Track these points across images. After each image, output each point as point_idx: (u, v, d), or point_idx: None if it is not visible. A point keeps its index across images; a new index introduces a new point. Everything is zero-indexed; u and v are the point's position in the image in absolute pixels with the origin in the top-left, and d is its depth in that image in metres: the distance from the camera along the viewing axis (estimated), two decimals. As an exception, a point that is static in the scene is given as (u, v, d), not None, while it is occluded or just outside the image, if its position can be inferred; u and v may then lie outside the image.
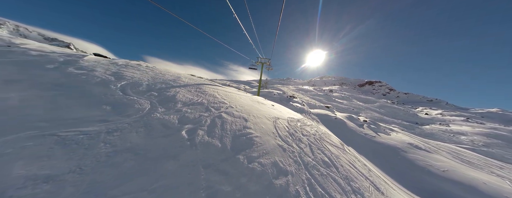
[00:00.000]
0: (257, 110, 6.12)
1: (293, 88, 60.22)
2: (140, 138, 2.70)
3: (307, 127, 6.88)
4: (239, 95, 7.52)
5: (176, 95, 4.49)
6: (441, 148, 12.24)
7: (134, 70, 5.33)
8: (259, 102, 7.77)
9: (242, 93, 9.62)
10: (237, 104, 5.82)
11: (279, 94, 20.39)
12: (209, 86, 6.81)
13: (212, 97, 5.52)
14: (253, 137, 3.99)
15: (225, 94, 6.51)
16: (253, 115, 5.35)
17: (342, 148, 6.74)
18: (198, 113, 4.10)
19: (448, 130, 31.74)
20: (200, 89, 5.88)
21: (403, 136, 13.72)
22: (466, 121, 39.53)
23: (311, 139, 5.67)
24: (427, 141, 13.80)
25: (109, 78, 4.15)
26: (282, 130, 5.20)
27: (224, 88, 7.84)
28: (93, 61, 5.02)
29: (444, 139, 26.15)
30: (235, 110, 5.12)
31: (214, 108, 4.70)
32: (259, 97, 10.89)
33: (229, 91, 7.52)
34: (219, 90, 6.80)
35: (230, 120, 4.34)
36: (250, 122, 4.68)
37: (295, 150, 4.27)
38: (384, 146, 10.44)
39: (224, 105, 5.22)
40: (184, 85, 5.62)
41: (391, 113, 45.70)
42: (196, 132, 3.33)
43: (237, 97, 6.88)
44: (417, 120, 40.78)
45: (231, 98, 6.35)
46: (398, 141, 11.53)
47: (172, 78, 5.90)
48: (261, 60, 14.34)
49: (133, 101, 3.60)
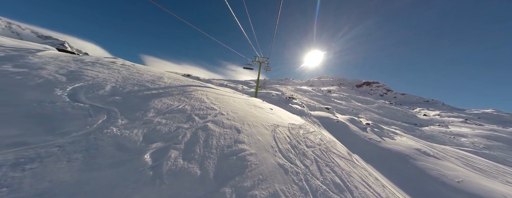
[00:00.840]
0: (253, 116, 5.21)
1: (291, 89, 59.51)
2: (71, 171, 1.76)
3: (311, 136, 6.00)
4: (233, 98, 6.60)
5: (149, 101, 3.55)
6: (448, 154, 11.54)
7: (101, 69, 4.36)
8: (256, 106, 6.86)
9: (237, 95, 8.70)
10: (230, 110, 4.90)
11: (277, 95, 19.52)
12: (197, 88, 5.87)
13: (199, 101, 4.59)
14: (247, 156, 3.08)
15: (216, 98, 5.58)
16: (248, 123, 4.45)
17: (350, 159, 5.89)
18: (176, 124, 3.18)
19: (448, 131, 31.35)
20: (186, 91, 4.94)
21: (408, 140, 12.99)
22: (465, 122, 39.34)
23: (316, 151, 4.78)
24: (433, 146, 13.11)
25: (59, 79, 3.19)
26: (282, 142, 4.31)
27: (216, 90, 6.91)
28: (48, 57, 4.04)
29: (445, 141, 25.68)
30: (225, 118, 4.20)
31: (199, 117, 3.77)
32: (257, 99, 10.00)
33: (221, 94, 6.59)
34: (210, 93, 5.87)
35: (218, 133, 3.43)
36: (243, 134, 3.77)
37: (299, 171, 3.38)
38: (391, 153, 9.66)
39: (212, 111, 4.30)
40: (165, 87, 4.67)
41: (390, 114, 45.32)
42: (167, 154, 2.41)
43: (231, 101, 5.96)
44: (416, 121, 40.44)
45: (222, 102, 5.42)
46: (404, 146, 10.77)
47: (150, 79, 4.94)
48: (259, 59, 13.42)
49: (82, 110, 2.65)
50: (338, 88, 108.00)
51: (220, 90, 7.59)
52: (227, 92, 8.38)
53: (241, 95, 11.48)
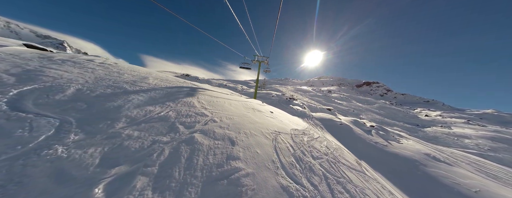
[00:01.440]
0: (251, 122, 4.55)
1: (291, 89, 58.87)
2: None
3: (316, 143, 5.34)
4: (230, 101, 5.94)
5: (123, 107, 2.88)
6: (458, 159, 10.91)
7: (71, 68, 3.70)
8: (255, 110, 6.20)
9: (235, 96, 8.04)
10: (224, 115, 4.24)
11: (278, 96, 18.86)
12: (188, 90, 5.21)
13: (187, 106, 3.92)
14: (242, 178, 2.43)
15: (209, 101, 4.92)
16: (245, 131, 3.79)
17: (361, 169, 5.23)
18: (152, 137, 2.51)
19: (451, 133, 30.77)
20: (173, 94, 4.28)
21: (415, 144, 12.35)
22: (467, 123, 38.78)
23: (324, 164, 4.13)
24: (441, 150, 12.48)
25: (4, 80, 2.52)
26: (285, 154, 3.65)
27: (211, 92, 6.24)
28: (5, 53, 3.37)
29: (449, 143, 25.08)
30: (218, 126, 3.54)
31: (185, 125, 3.11)
32: (256, 101, 9.33)
33: (216, 96, 5.93)
34: (202, 95, 5.20)
35: (207, 146, 2.77)
36: (239, 146, 3.11)
37: (307, 194, 2.73)
38: (400, 159, 9.02)
39: (202, 118, 3.63)
40: (148, 90, 4.00)
41: (391, 115, 44.72)
42: (131, 184, 1.75)
43: (226, 104, 5.30)
44: (418, 122, 39.86)
45: (216, 106, 4.76)
46: (413, 151, 10.14)
47: (131, 80, 4.27)
48: (258, 58, 12.72)
49: (20, 122, 1.98)
50: (338, 88, 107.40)
51: (215, 92, 6.93)
52: (223, 93, 7.72)
53: (240, 96, 10.82)
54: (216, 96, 5.78)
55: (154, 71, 6.59)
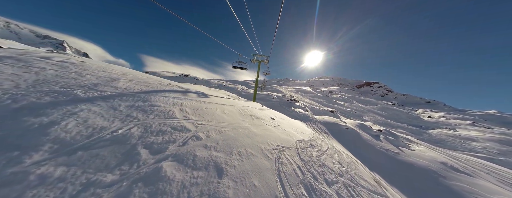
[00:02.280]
0: (248, 135, 3.62)
1: (291, 89, 57.94)
2: None
3: (327, 159, 4.41)
4: (223, 107, 5.00)
5: (55, 125, 1.94)
6: (476, 167, 9.98)
7: (5, 67, 2.76)
8: (253, 117, 5.27)
9: (231, 100, 7.10)
10: (213, 128, 3.31)
11: (278, 98, 17.92)
12: (170, 95, 4.27)
13: (164, 117, 2.99)
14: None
15: (196, 108, 3.99)
16: (239, 151, 2.86)
17: (382, 191, 4.31)
18: (86, 176, 1.57)
19: (456, 135, 29.82)
20: (147, 101, 3.34)
21: (428, 150, 11.41)
22: (472, 125, 37.82)
23: (342, 191, 3.20)
24: (455, 156, 11.54)
25: None
26: (293, 182, 2.72)
27: (200, 98, 5.30)
28: None
29: (456, 147, 24.15)
30: (203, 145, 2.61)
31: (152, 149, 2.17)
32: (255, 105, 8.37)
33: (208, 101, 5.00)
34: (188, 101, 4.27)
35: (179, 183, 1.84)
36: (228, 179, 2.18)
37: None
38: (416, 170, 8.09)
39: (181, 135, 2.70)
40: (111, 97, 3.06)
41: (394, 116, 43.79)
42: None
43: (218, 112, 4.37)
44: (421, 124, 38.91)
45: (205, 114, 3.83)
46: (428, 160, 9.21)
47: (92, 83, 3.33)
48: (258, 57, 11.75)
49: None
50: (338, 89, 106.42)
51: (207, 96, 5.99)
52: (218, 97, 6.78)
53: (237, 99, 9.87)
54: (206, 101, 4.84)
55: (135, 72, 5.65)
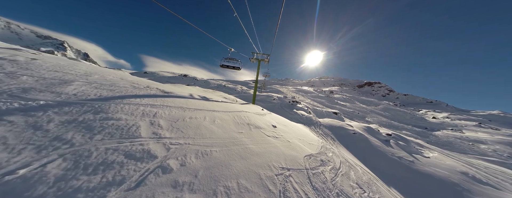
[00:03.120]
0: (243, 156, 2.70)
1: (292, 89, 56.96)
2: None
3: (344, 181, 3.48)
4: (214, 114, 4.08)
5: None
6: (498, 177, 9.04)
7: None
8: (252, 126, 4.34)
9: (226, 104, 6.17)
10: (194, 149, 2.39)
11: (279, 99, 16.97)
12: (142, 102, 3.34)
13: (119, 136, 2.07)
14: None
15: (176, 118, 3.07)
16: (226, 186, 1.95)
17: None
18: None
19: (464, 137, 28.81)
20: (104, 110, 2.42)
21: (444, 157, 10.47)
22: (479, 126, 36.73)
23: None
24: (474, 164, 10.60)
25: None
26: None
27: (187, 101, 4.38)
28: None
29: (465, 150, 23.14)
30: (171, 183, 1.69)
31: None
32: (254, 108, 7.38)
33: (194, 107, 4.08)
34: (166, 109, 3.35)
35: None
36: None
37: None
38: (435, 181, 7.16)
39: (140, 166, 1.78)
40: (47, 107, 2.14)
41: (397, 117, 42.78)
42: None
43: (206, 122, 3.45)
44: (426, 125, 37.88)
45: (187, 128, 2.91)
46: (447, 169, 8.27)
47: (26, 86, 2.43)
48: (258, 56, 10.77)
49: None
50: (339, 89, 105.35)
51: (197, 100, 5.07)
52: (210, 101, 5.85)
53: (234, 102, 8.92)
54: (193, 108, 3.92)
55: (111, 70, 4.73)
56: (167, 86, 5.72)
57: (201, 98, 5.70)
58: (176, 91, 5.27)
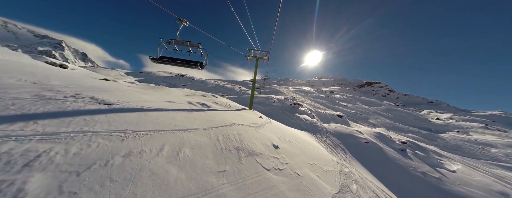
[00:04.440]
0: None
1: (292, 89, 55.58)
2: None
3: None
4: (184, 137, 2.64)
5: None
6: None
7: None
8: (242, 151, 2.90)
9: (209, 115, 4.71)
10: None
11: (280, 101, 15.54)
12: (42, 129, 1.88)
13: None
14: None
15: (96, 160, 1.62)
16: None
17: None
18: None
19: (472, 140, 27.53)
20: None
21: (470, 170, 9.11)
22: (485, 128, 35.51)
23: None
24: (503, 177, 9.23)
25: None
26: None
27: (146, 113, 2.93)
28: None
29: (476, 154, 21.83)
30: None
31: None
32: (251, 116, 5.87)
33: (148, 129, 2.62)
34: (84, 140, 1.89)
35: None
36: None
37: None
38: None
39: None
40: None
41: (400, 118, 41.52)
42: None
43: (156, 164, 2.00)
44: (430, 127, 36.61)
45: (107, 182, 1.47)
46: (480, 187, 6.91)
47: None
48: (255, 53, 9.25)
49: None
50: (340, 89, 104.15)
51: (161, 113, 3.61)
52: (186, 111, 4.39)
53: (226, 108, 7.39)
54: (146, 130, 2.46)
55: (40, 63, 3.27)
56: (138, 89, 4.26)
57: (174, 109, 4.25)
58: (137, 99, 3.80)
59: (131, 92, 4.16)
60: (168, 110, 3.61)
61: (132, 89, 5.18)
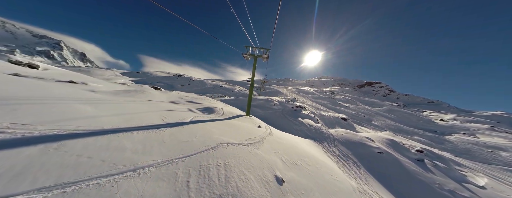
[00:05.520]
0: None
1: (292, 90, 54.42)
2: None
3: None
4: (133, 183, 1.47)
5: None
6: None
7: None
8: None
9: (184, 134, 3.54)
10: None
11: (280, 104, 14.37)
12: None
13: None
14: None
15: None
16: None
17: None
18: None
19: (480, 143, 26.44)
20: None
21: (498, 185, 7.99)
22: (492, 129, 34.45)
23: None
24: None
25: None
26: None
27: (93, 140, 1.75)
28: None
29: (487, 158, 20.72)
30: None
31: None
32: (245, 130, 4.67)
33: (77, 159, 1.45)
34: None
35: None
36: None
37: None
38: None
39: None
40: None
41: (404, 120, 40.42)
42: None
43: None
44: (435, 128, 35.52)
45: None
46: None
47: None
48: (253, 51, 8.01)
49: None
50: (340, 89, 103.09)
51: (98, 145, 2.44)
52: (149, 130, 3.22)
53: (218, 115, 6.16)
54: (57, 184, 1.29)
55: None
56: (68, 105, 3.10)
57: (131, 128, 3.08)
58: (72, 117, 2.60)
59: (75, 105, 2.97)
60: (120, 130, 2.43)
61: (87, 96, 4.00)
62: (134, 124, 2.82)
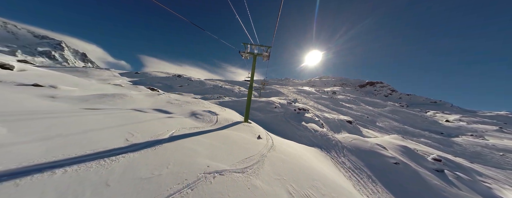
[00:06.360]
0: None
1: (293, 90, 53.42)
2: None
3: None
4: None
5: None
6: None
7: None
8: None
9: (167, 148, 2.63)
10: None
11: (282, 106, 13.43)
12: None
13: None
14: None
15: None
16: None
17: None
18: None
19: (489, 145, 25.35)
20: None
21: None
22: (501, 131, 33.30)
23: None
24: None
25: None
26: None
27: None
28: None
29: (499, 163, 19.67)
30: None
31: None
32: (241, 147, 3.69)
33: None
34: None
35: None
36: None
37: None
38: None
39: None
40: None
41: (408, 121, 39.33)
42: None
43: None
44: (441, 130, 34.43)
45: None
46: None
47: None
48: (252, 49, 7.07)
49: None
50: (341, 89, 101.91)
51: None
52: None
53: (208, 125, 5.18)
54: None
55: None
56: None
57: (61, 162, 2.16)
58: None
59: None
60: (27, 171, 1.52)
61: (33, 106, 3.10)
62: (66, 153, 1.90)
